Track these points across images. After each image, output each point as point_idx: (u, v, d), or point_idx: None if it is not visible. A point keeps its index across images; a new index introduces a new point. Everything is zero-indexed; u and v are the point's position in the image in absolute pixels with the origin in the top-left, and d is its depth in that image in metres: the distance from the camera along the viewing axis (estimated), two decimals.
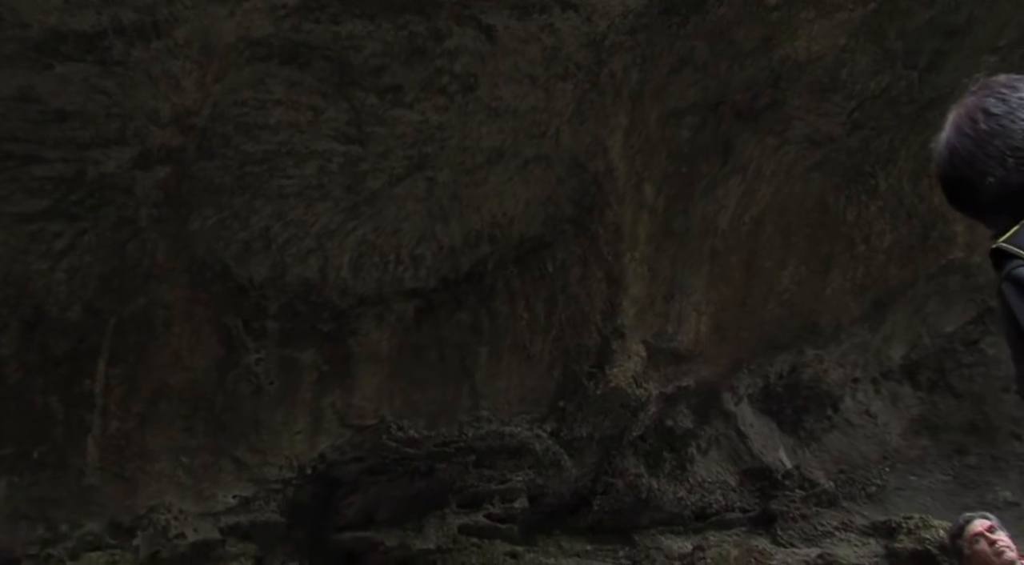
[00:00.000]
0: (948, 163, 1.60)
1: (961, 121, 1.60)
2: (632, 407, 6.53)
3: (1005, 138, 1.54)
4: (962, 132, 1.59)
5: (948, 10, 6.20)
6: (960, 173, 1.58)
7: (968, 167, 1.57)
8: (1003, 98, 1.57)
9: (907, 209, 7.19)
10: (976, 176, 1.55)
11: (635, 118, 5.70)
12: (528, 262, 6.01)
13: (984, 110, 1.57)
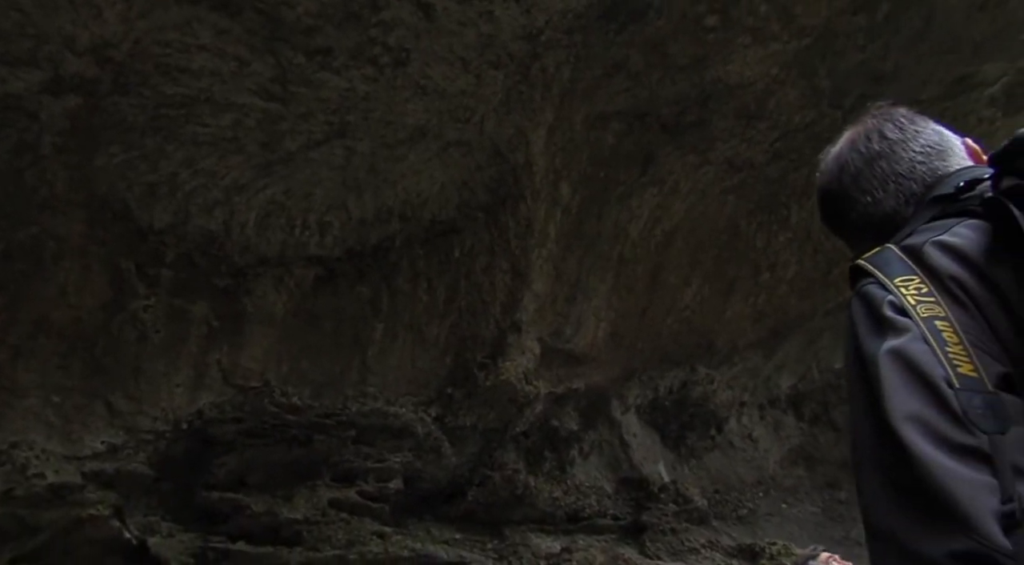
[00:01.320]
0: (835, 176, 1.64)
1: (856, 138, 1.63)
2: (519, 402, 6.54)
3: (892, 163, 1.57)
4: (855, 148, 1.62)
5: (877, 57, 6.34)
6: (844, 188, 1.60)
7: (852, 183, 1.61)
8: (900, 126, 1.61)
9: (814, 244, 7.34)
10: (857, 193, 1.58)
11: (561, 116, 5.70)
12: (436, 245, 5.98)
13: (880, 132, 1.61)
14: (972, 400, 1.14)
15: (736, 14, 5.61)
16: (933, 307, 1.23)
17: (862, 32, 6.12)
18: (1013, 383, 1.18)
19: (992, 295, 1.25)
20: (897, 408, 1.15)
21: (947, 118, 6.07)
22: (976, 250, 1.29)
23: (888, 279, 1.29)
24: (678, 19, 5.51)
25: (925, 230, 1.38)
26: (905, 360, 1.19)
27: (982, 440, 1.10)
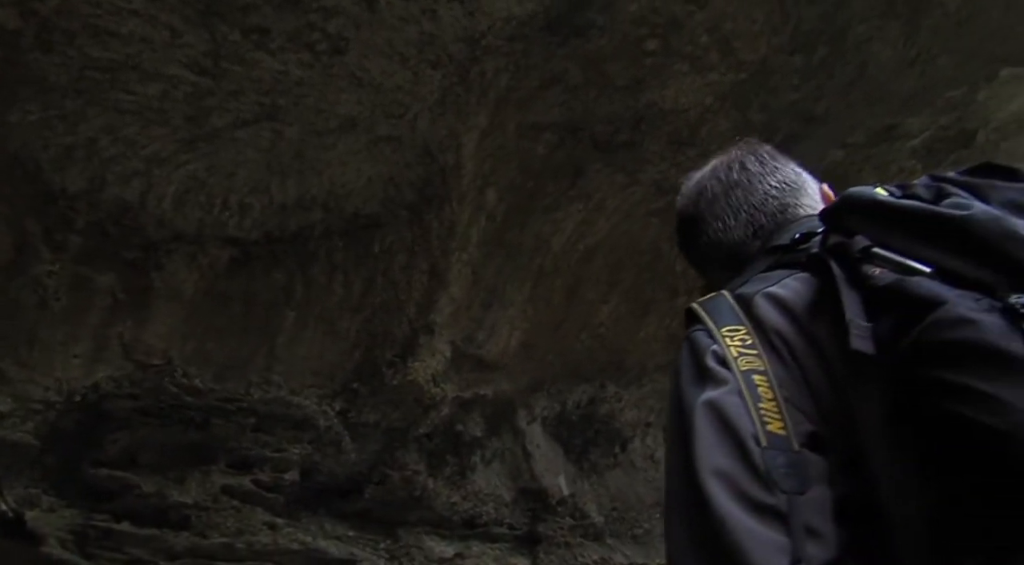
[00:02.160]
0: (693, 200, 1.69)
1: (719, 166, 1.69)
2: (425, 404, 6.50)
3: (748, 193, 1.61)
4: (716, 175, 1.67)
5: (810, 98, 6.47)
6: (699, 212, 1.65)
7: (708, 208, 1.66)
8: (761, 160, 1.67)
9: None
10: (711, 218, 1.62)
11: (495, 122, 5.69)
12: (356, 238, 5.92)
13: (741, 163, 1.66)
14: (776, 459, 1.15)
15: (677, 42, 5.66)
16: (754, 361, 1.25)
17: (797, 73, 6.23)
18: (819, 442, 1.19)
19: (811, 349, 1.26)
20: (704, 461, 1.17)
21: (870, 165, 6.27)
22: (801, 303, 1.31)
23: (716, 328, 1.30)
24: (620, 40, 5.54)
25: (759, 279, 1.40)
26: (718, 413, 1.20)
27: (780, 500, 1.12)
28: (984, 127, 7.87)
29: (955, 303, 1.11)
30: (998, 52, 7.00)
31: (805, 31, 5.94)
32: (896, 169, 7.80)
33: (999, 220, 1.19)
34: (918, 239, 1.23)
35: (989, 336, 1.07)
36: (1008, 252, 1.16)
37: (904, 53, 6.53)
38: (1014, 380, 1.04)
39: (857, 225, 1.29)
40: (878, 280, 1.20)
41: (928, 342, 1.10)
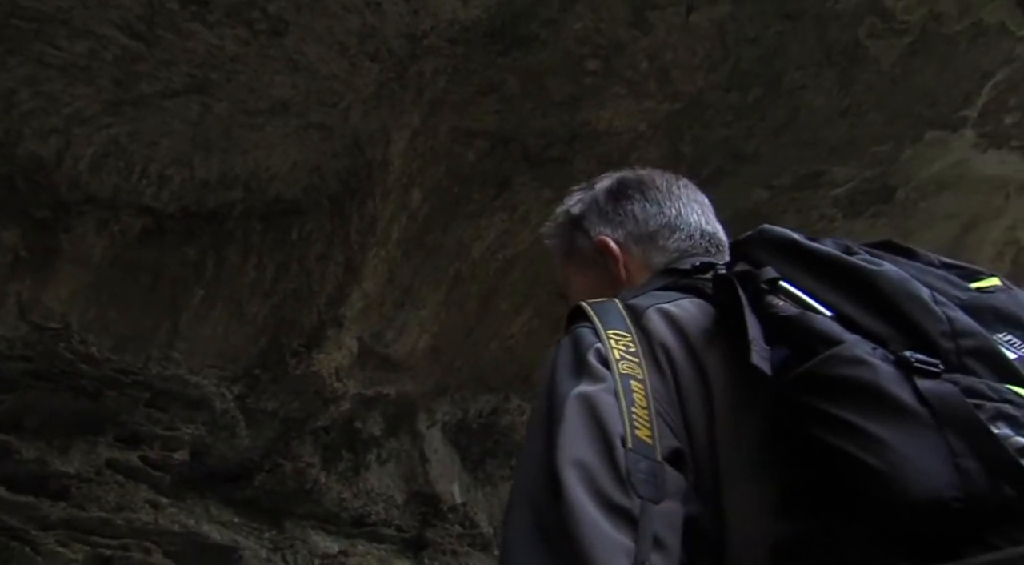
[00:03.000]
0: (637, 179, 1.78)
1: (667, 174, 1.77)
2: (326, 397, 6.43)
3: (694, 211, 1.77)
4: (665, 176, 1.76)
5: (741, 136, 6.57)
6: (643, 187, 1.79)
7: (652, 193, 1.75)
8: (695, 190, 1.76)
9: None
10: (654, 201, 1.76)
11: (427, 123, 5.67)
12: (275, 222, 5.83)
13: (682, 183, 1.75)
14: (639, 463, 1.16)
15: (617, 65, 5.71)
16: (634, 367, 1.26)
17: (732, 110, 6.33)
18: (681, 460, 1.21)
19: (696, 374, 1.29)
20: (566, 451, 1.16)
21: (793, 208, 6.38)
22: (694, 326, 1.34)
23: (603, 328, 1.31)
24: (561, 56, 5.56)
25: (652, 296, 1.43)
26: (590, 407, 1.21)
27: (635, 504, 1.12)
28: (905, 185, 8.09)
29: (854, 344, 1.15)
30: (925, 114, 7.20)
31: (743, 70, 6.04)
32: (818, 215, 7.97)
33: (906, 281, 1.24)
34: (825, 283, 1.27)
35: (883, 380, 1.11)
36: (909, 312, 1.21)
37: (836, 103, 6.68)
38: (899, 426, 1.08)
39: (767, 258, 1.33)
40: (781, 310, 1.23)
41: (822, 375, 1.14)
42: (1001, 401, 1.10)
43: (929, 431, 1.07)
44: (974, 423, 1.07)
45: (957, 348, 1.17)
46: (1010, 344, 1.23)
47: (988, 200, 8.83)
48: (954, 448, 1.05)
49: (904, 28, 6.31)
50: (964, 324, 1.20)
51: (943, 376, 1.12)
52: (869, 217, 8.21)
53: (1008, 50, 6.86)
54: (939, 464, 1.05)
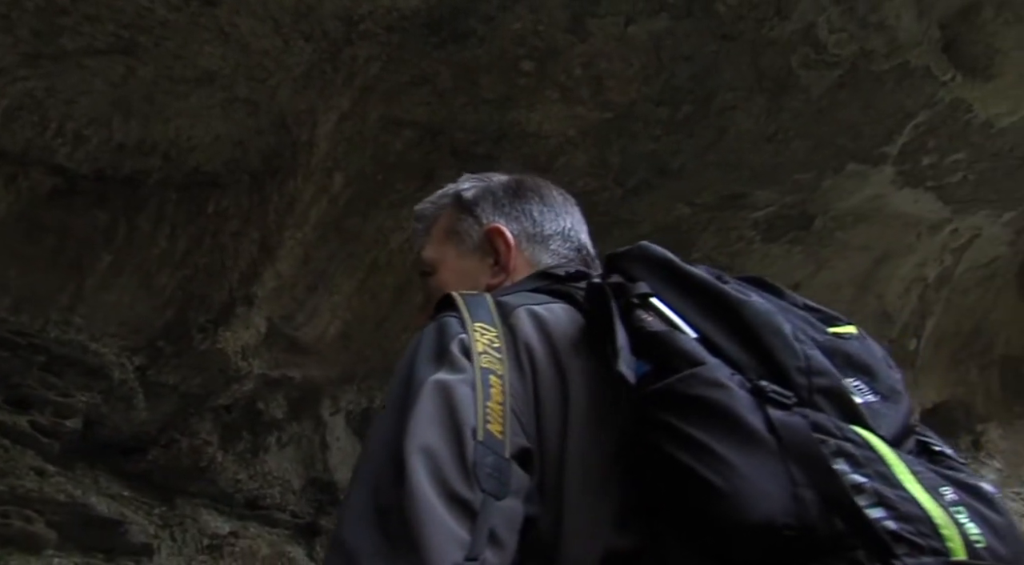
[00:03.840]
0: (535, 182, 1.82)
1: (547, 181, 1.86)
2: (229, 375, 6.32)
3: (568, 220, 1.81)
4: (547, 186, 1.85)
5: (668, 151, 6.64)
6: (540, 192, 1.83)
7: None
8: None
9: None
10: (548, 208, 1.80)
11: (357, 109, 5.61)
12: (192, 194, 5.71)
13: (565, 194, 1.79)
14: (486, 457, 1.17)
15: (552, 69, 5.72)
16: (495, 362, 1.27)
17: (661, 124, 6.39)
18: (528, 460, 1.23)
19: (556, 379, 1.30)
20: (415, 436, 1.17)
21: (713, 227, 6.48)
22: (561, 332, 1.36)
23: (470, 320, 1.32)
24: (497, 54, 5.56)
25: (523, 296, 1.45)
26: (446, 395, 1.22)
27: (477, 497, 1.13)
28: (823, 214, 8.26)
29: (714, 367, 1.20)
30: (848, 147, 7.36)
31: (675, 86, 6.10)
32: (736, 236, 8.10)
33: (771, 314, 1.30)
34: (694, 305, 1.30)
35: (737, 405, 1.15)
36: (770, 344, 1.26)
37: (764, 128, 6.79)
38: (747, 450, 1.12)
39: (641, 274, 1.35)
40: (648, 325, 1.26)
41: (680, 393, 1.17)
42: (844, 439, 1.15)
43: (774, 459, 1.11)
44: (816, 456, 1.12)
45: (810, 385, 1.22)
46: (857, 389, 1.29)
47: (901, 237, 9.08)
48: (795, 478, 1.10)
49: (835, 61, 6.44)
50: (819, 363, 1.26)
51: (794, 409, 1.17)
52: (786, 243, 8.37)
53: (931, 94, 7.06)
54: (779, 491, 1.09)
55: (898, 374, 1.39)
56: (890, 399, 1.31)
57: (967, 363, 11.87)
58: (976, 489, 1.19)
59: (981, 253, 10.13)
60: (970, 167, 8.29)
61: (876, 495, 1.10)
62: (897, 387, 1.34)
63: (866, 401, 1.27)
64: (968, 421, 12.05)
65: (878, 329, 10.27)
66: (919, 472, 1.15)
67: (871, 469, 1.12)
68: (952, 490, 1.15)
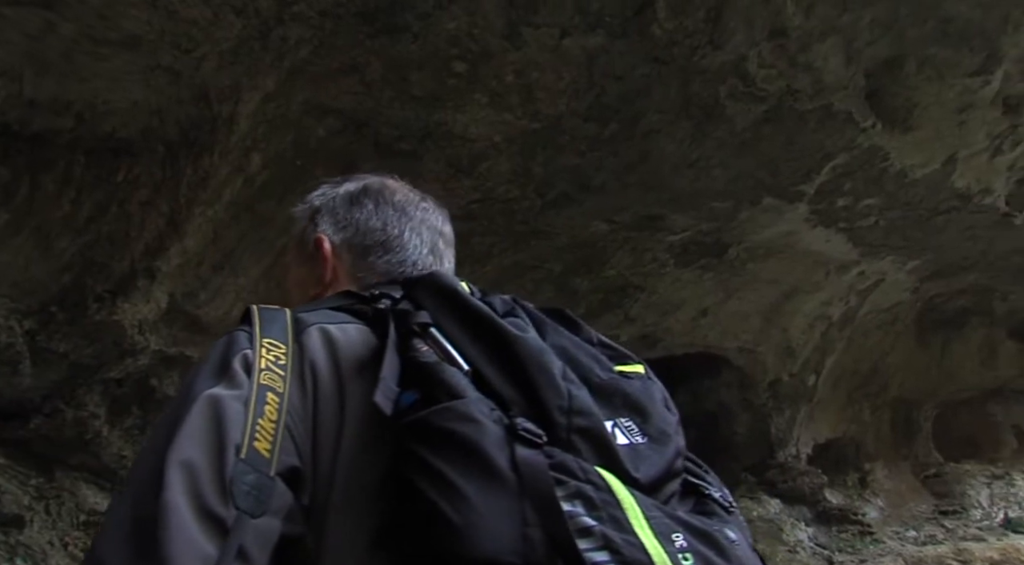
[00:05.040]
0: (377, 186, 1.79)
1: (409, 189, 1.80)
2: (124, 349, 6.15)
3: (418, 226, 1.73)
4: (406, 191, 1.79)
5: (591, 167, 6.68)
6: (378, 196, 1.76)
7: (384, 205, 1.79)
8: (438, 215, 1.78)
9: None
10: (381, 213, 1.72)
11: (282, 90, 5.52)
12: (102, 158, 5.55)
13: (426, 202, 1.76)
14: (246, 475, 1.17)
15: (484, 72, 5.71)
16: (276, 381, 1.28)
17: (586, 140, 6.43)
18: (297, 480, 1.24)
19: (336, 401, 1.31)
20: (178, 449, 1.18)
21: (628, 246, 6.52)
22: (350, 354, 1.36)
23: (260, 336, 1.32)
24: (430, 52, 5.52)
25: (323, 313, 1.44)
26: (215, 411, 1.22)
27: (230, 514, 1.14)
28: (737, 244, 8.41)
29: (472, 401, 1.22)
30: (767, 181, 7.50)
31: (604, 104, 6.14)
32: (651, 258, 8.19)
33: (542, 353, 1.32)
34: (471, 337, 1.32)
35: (484, 440, 1.17)
36: (536, 382, 1.28)
37: (687, 154, 6.88)
38: (486, 487, 1.14)
39: (428, 302, 1.37)
40: (422, 356, 1.28)
41: (433, 425, 1.19)
42: (585, 481, 1.18)
43: (511, 497, 1.13)
44: (548, 497, 1.14)
45: (569, 424, 1.25)
46: (628, 429, 1.33)
47: (810, 274, 9.29)
48: (527, 517, 1.12)
49: (762, 96, 6.55)
50: (582, 404, 1.28)
51: (544, 448, 1.19)
52: (698, 268, 8.50)
53: (851, 138, 7.23)
54: (510, 529, 1.11)
55: (673, 417, 1.42)
56: (658, 441, 1.34)
57: (861, 403, 12.19)
58: (710, 536, 1.22)
59: (884, 297, 10.42)
60: (882, 213, 8.52)
61: (603, 539, 1.13)
62: (668, 430, 1.37)
63: (632, 442, 1.31)
64: (857, 459, 12.37)
65: (780, 362, 10.49)
66: (654, 517, 1.18)
67: (605, 513, 1.15)
68: (684, 536, 1.18)
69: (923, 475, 12.83)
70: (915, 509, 12.27)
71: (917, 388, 12.29)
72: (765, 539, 10.49)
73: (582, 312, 8.39)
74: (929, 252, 9.56)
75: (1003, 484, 12.48)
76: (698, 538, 1.20)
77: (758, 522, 10.65)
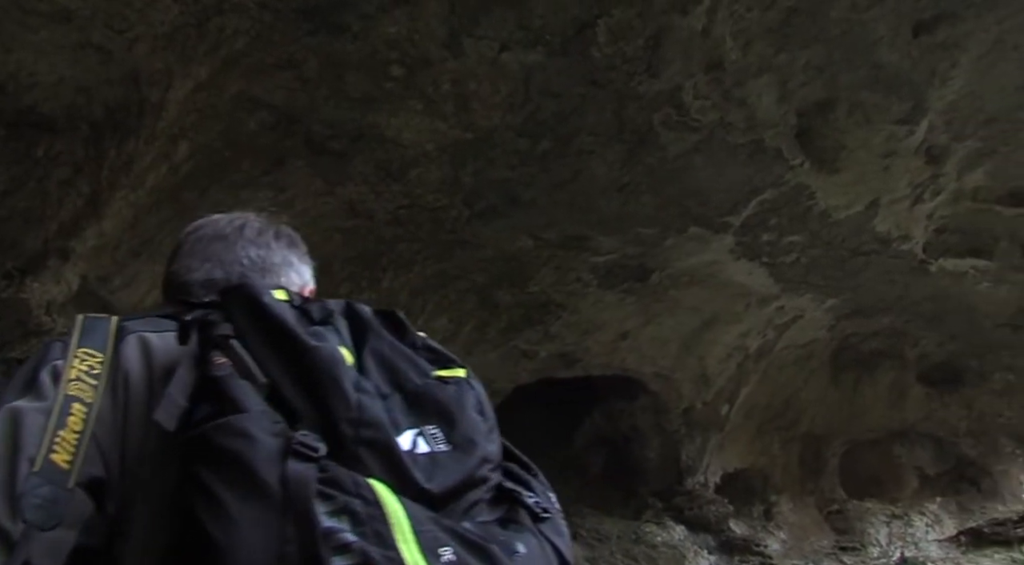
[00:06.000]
0: (186, 232, 1.75)
1: (225, 218, 1.75)
2: (29, 329, 5.98)
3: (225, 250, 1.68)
4: (216, 223, 1.74)
5: (521, 182, 6.72)
6: (182, 243, 1.73)
7: (190, 245, 1.80)
8: (260, 233, 1.74)
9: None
10: (186, 255, 1.69)
11: (216, 80, 5.44)
12: (22, 133, 5.40)
13: (243, 226, 1.78)
14: (39, 488, 1.18)
15: (421, 79, 5.70)
16: (86, 391, 1.29)
17: (519, 154, 6.45)
18: (101, 490, 1.25)
19: (146, 410, 1.31)
20: None
21: (552, 264, 6.53)
22: (164, 361, 1.37)
23: (76, 346, 1.33)
24: (368, 53, 5.50)
25: (150, 321, 1.46)
26: (14, 424, 1.23)
27: (18, 528, 1.15)
28: (660, 270, 8.50)
29: (252, 416, 1.21)
30: (695, 210, 7.60)
31: (539, 120, 6.17)
32: (574, 277, 8.24)
33: (334, 365, 1.31)
34: (272, 351, 1.31)
35: (254, 456, 1.17)
36: (325, 393, 1.27)
37: (617, 177, 6.95)
38: (252, 504, 1.15)
39: (236, 312, 1.36)
40: (216, 369, 1.27)
41: (209, 440, 1.19)
42: (355, 496, 1.18)
43: (275, 514, 1.14)
44: (306, 513, 1.14)
45: (356, 436, 1.25)
46: (432, 437, 1.33)
47: (730, 305, 9.42)
48: (286, 534, 1.13)
49: (695, 126, 6.65)
50: (372, 415, 1.28)
51: (321, 462, 1.19)
52: (621, 292, 8.57)
53: (779, 175, 7.37)
54: (269, 546, 1.12)
55: (485, 425, 1.42)
56: (462, 449, 1.33)
57: (772, 435, 12.38)
58: (484, 550, 1.22)
59: (801, 333, 10.62)
60: (804, 251, 8.69)
61: (362, 555, 1.14)
62: (475, 437, 1.37)
63: (434, 451, 1.31)
64: (764, 491, 12.55)
65: (695, 389, 10.62)
66: (424, 531, 1.19)
67: (369, 528, 1.16)
68: (453, 550, 1.19)
69: (826, 511, 13.06)
70: (816, 544, 12.47)
71: (827, 425, 12.52)
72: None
73: (503, 326, 8.42)
74: (847, 292, 9.76)
75: (902, 524, 12.76)
76: (471, 552, 1.20)
77: (662, 548, 10.74)
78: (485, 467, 1.36)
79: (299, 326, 1.34)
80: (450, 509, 1.27)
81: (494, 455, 1.40)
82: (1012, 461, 13.23)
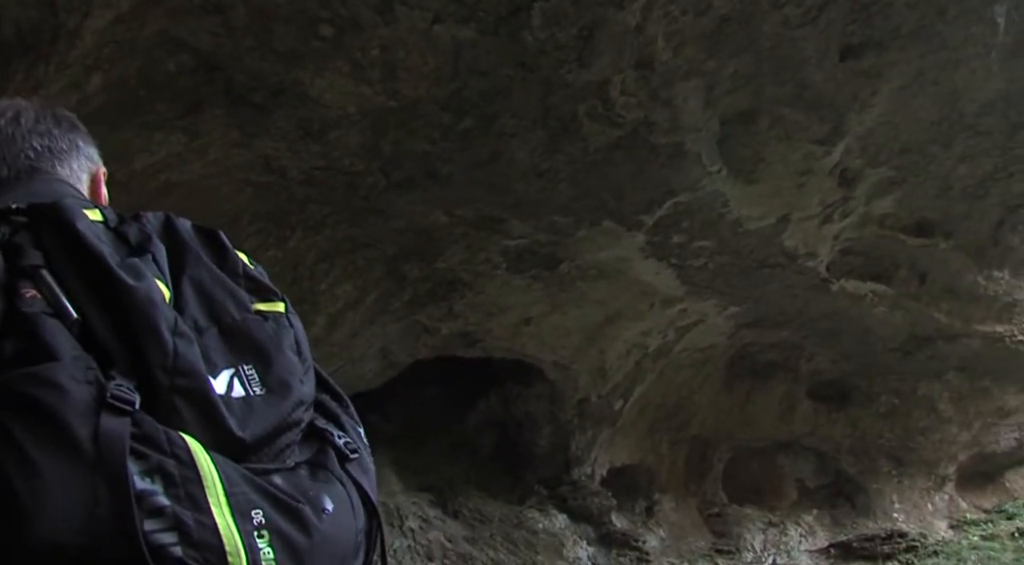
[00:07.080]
0: None
1: (10, 106, 1.63)
2: None
3: (7, 144, 1.56)
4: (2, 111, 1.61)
5: (441, 157, 6.70)
6: None
7: None
8: (40, 119, 1.63)
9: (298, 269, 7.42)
10: None
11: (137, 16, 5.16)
12: None
13: (17, 114, 1.67)
14: None
15: (349, 42, 5.61)
16: None
17: (441, 129, 6.41)
18: None
19: None
20: None
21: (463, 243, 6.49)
22: None
23: None
24: (299, 9, 5.38)
25: None
26: None
27: None
28: (570, 261, 8.55)
29: (63, 366, 1.13)
30: (610, 205, 7.65)
31: (464, 97, 6.14)
32: (484, 258, 8.23)
33: (150, 306, 1.23)
34: (86, 286, 1.23)
35: (66, 410, 1.09)
36: (141, 338, 1.20)
37: (537, 163, 6.95)
38: (62, 461, 1.07)
39: (47, 239, 1.27)
40: (24, 304, 1.18)
41: (14, 390, 1.10)
42: (169, 456, 1.13)
43: (87, 472, 1.07)
44: (119, 474, 1.08)
45: (171, 385, 1.19)
46: (249, 379, 1.28)
47: (635, 302, 9.52)
48: (98, 495, 1.06)
49: (619, 122, 6.68)
50: (186, 362, 1.21)
51: (134, 415, 1.13)
52: (529, 277, 8.59)
53: (696, 179, 7.46)
54: (78, 508, 1.06)
55: (302, 365, 1.37)
56: (275, 392, 1.29)
57: (662, 435, 12.58)
58: (295, 511, 1.19)
59: (701, 337, 10.79)
60: (712, 257, 8.82)
61: (174, 519, 1.09)
62: (289, 380, 1.32)
63: (250, 394, 1.26)
64: (648, 488, 12.75)
65: (591, 382, 10.71)
66: (236, 494, 1.14)
67: (183, 490, 1.11)
68: (264, 512, 1.16)
69: (707, 513, 13.32)
70: (694, 544, 12.73)
71: (716, 429, 12.77)
72: (546, 552, 10.68)
73: (408, 298, 8.38)
74: (750, 302, 9.95)
75: (777, 532, 13.09)
76: (281, 513, 1.17)
77: (542, 534, 10.83)
78: (299, 410, 1.32)
79: (115, 257, 1.26)
80: (262, 454, 1.23)
81: (308, 397, 1.36)
82: (887, 481, 13.67)
